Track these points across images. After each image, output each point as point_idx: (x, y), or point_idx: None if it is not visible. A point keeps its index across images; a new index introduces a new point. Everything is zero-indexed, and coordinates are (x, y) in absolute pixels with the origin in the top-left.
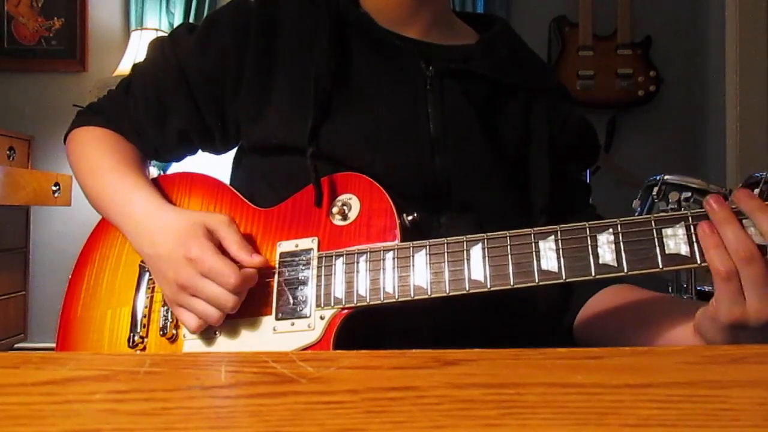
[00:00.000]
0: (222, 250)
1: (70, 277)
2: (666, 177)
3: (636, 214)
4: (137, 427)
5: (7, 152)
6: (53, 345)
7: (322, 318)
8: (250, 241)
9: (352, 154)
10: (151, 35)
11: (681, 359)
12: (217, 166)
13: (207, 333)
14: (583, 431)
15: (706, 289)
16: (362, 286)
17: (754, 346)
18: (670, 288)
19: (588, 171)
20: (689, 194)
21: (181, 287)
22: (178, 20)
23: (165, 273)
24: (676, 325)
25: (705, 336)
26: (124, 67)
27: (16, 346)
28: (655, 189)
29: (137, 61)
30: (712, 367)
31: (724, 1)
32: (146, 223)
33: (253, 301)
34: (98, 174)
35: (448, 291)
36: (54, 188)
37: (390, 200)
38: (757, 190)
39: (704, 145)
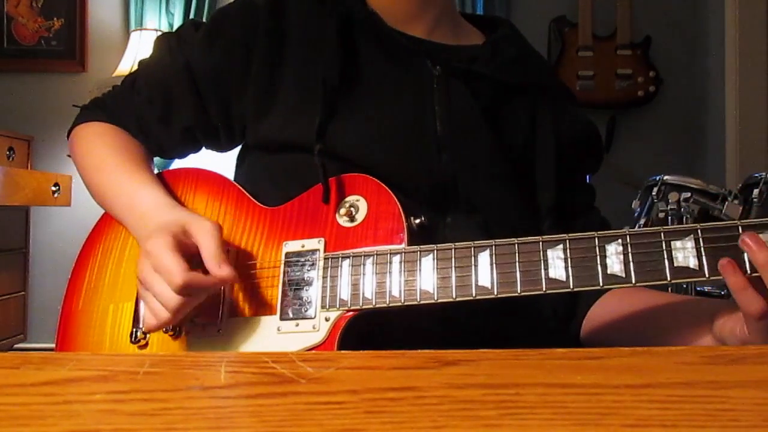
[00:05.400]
0: (194, 256)
1: (72, 270)
2: (665, 177)
3: (635, 214)
4: (137, 427)
5: (7, 152)
6: (53, 345)
7: (327, 319)
8: (255, 239)
9: (358, 152)
10: (151, 35)
11: (681, 359)
12: (220, 164)
13: (210, 331)
14: (583, 431)
15: (706, 289)
16: (368, 288)
17: (754, 346)
18: (669, 289)
19: None
20: (689, 194)
21: (140, 280)
22: (177, 20)
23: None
24: (693, 334)
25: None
26: (124, 68)
27: (15, 346)
28: (655, 189)
29: (137, 61)
30: (712, 368)
31: (723, 1)
32: (149, 218)
33: (257, 300)
34: (103, 170)
35: (455, 296)
36: (54, 188)
37: (398, 203)
38: (756, 190)
39: (704, 145)
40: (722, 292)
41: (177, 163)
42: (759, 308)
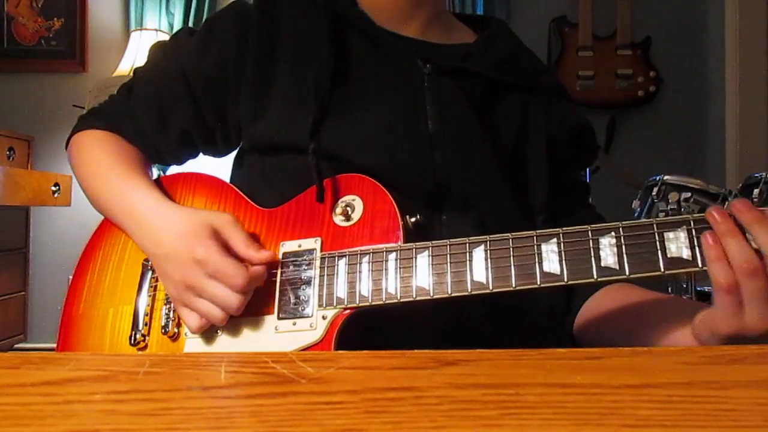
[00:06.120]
0: (228, 250)
1: (72, 275)
2: (666, 177)
3: (636, 214)
4: (137, 427)
5: (7, 152)
6: (53, 345)
7: (324, 318)
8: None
9: (352, 152)
10: (151, 36)
11: (681, 359)
12: (217, 169)
13: (209, 332)
14: (583, 431)
15: (706, 289)
16: (365, 286)
17: (754, 346)
18: (669, 288)
19: (588, 171)
20: (689, 194)
21: (188, 287)
22: (177, 21)
23: (171, 273)
24: (673, 330)
25: (702, 343)
26: (124, 68)
27: (15, 346)
28: (655, 189)
29: (137, 61)
30: (712, 368)
31: (723, 1)
32: (150, 222)
33: (255, 300)
34: (100, 175)
35: (450, 292)
36: (54, 188)
37: (393, 202)
38: (756, 190)
39: (704, 145)
40: None
41: (174, 170)
42: (727, 281)
